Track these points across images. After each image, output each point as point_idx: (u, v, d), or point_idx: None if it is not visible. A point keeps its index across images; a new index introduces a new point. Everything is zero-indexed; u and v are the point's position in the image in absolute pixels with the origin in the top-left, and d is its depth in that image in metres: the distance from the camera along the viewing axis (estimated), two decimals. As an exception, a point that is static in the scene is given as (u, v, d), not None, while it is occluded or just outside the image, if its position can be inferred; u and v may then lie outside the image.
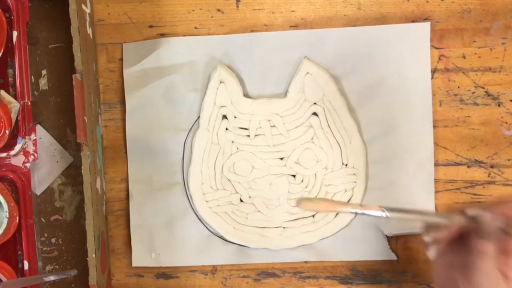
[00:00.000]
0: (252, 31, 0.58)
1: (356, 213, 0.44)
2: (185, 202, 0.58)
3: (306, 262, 0.59)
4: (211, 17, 0.58)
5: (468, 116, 0.58)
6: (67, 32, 0.49)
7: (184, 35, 0.58)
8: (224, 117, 0.57)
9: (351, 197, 0.57)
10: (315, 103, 0.57)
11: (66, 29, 0.49)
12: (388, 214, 0.44)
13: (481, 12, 0.57)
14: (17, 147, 0.55)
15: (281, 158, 0.57)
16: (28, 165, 0.56)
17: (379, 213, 0.44)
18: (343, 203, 0.47)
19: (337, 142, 0.57)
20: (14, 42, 0.55)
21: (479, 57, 0.57)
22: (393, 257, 0.58)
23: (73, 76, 0.49)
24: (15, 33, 0.55)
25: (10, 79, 0.56)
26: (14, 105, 0.54)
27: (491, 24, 0.57)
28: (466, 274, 0.45)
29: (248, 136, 0.57)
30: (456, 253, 0.47)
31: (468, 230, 0.45)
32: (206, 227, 0.58)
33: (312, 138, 0.57)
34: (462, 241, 0.46)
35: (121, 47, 0.58)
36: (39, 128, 0.58)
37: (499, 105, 0.57)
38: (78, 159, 0.57)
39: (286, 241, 0.58)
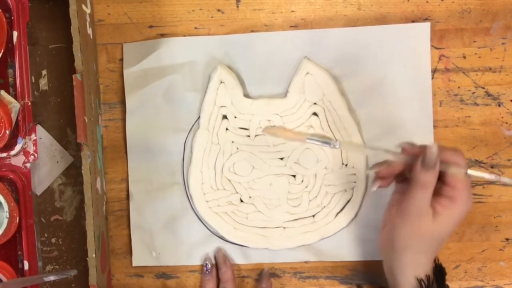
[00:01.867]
0: (252, 31, 0.58)
1: (311, 141, 0.48)
2: (185, 202, 0.58)
3: (306, 262, 0.59)
4: (211, 17, 0.58)
5: (468, 116, 0.58)
6: (67, 32, 0.49)
7: (184, 35, 0.58)
8: (224, 117, 0.57)
9: (351, 197, 0.57)
10: (315, 103, 0.57)
11: (66, 29, 0.49)
12: (337, 145, 0.48)
13: (481, 12, 0.57)
14: (17, 147, 0.55)
15: (281, 158, 0.57)
16: (28, 165, 0.56)
17: (327, 144, 0.48)
18: (297, 133, 0.51)
19: (337, 142, 0.57)
20: (14, 42, 0.55)
21: (479, 57, 0.57)
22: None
23: (73, 76, 0.49)
24: (15, 33, 0.55)
25: (10, 79, 0.56)
26: (14, 105, 0.54)
27: (491, 24, 0.57)
28: (400, 204, 0.49)
29: (248, 136, 0.57)
30: (398, 189, 0.51)
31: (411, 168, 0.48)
32: (206, 227, 0.59)
33: (312, 138, 0.57)
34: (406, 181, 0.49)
35: (121, 47, 0.58)
36: (39, 128, 0.58)
37: (499, 105, 0.57)
38: (78, 159, 0.57)
39: (286, 241, 0.58)
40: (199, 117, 0.58)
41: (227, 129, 0.57)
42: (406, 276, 0.49)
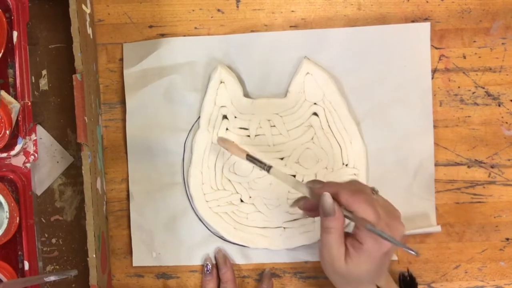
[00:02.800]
0: (252, 31, 0.58)
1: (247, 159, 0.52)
2: (185, 202, 0.58)
3: (306, 262, 0.59)
4: (211, 17, 0.58)
5: (468, 116, 0.58)
6: (67, 32, 0.49)
7: (184, 35, 0.58)
8: (224, 117, 0.57)
9: (351, 197, 0.57)
10: (315, 103, 0.57)
11: (66, 29, 0.49)
12: (268, 171, 0.50)
13: (481, 12, 0.57)
14: (18, 147, 0.55)
15: (281, 158, 0.57)
16: (28, 165, 0.56)
17: (260, 167, 0.51)
18: (240, 150, 0.53)
19: (337, 142, 0.57)
20: (14, 42, 0.55)
21: (479, 57, 0.57)
22: (394, 257, 0.58)
23: (73, 76, 0.49)
24: (15, 33, 0.55)
25: (11, 79, 0.56)
26: (15, 106, 0.54)
27: (491, 24, 0.57)
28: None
29: (248, 136, 0.57)
30: None
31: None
32: (206, 227, 0.58)
33: (312, 138, 0.57)
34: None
35: (121, 47, 0.58)
36: (39, 128, 0.58)
37: (499, 105, 0.57)
38: (79, 159, 0.57)
39: (286, 241, 0.58)
40: (199, 117, 0.58)
41: (227, 129, 0.57)
42: None
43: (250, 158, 0.52)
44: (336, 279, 0.49)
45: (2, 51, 0.54)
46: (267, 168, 0.51)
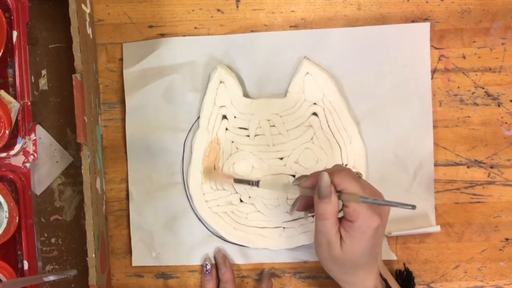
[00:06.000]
0: (252, 31, 0.58)
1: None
2: (185, 202, 0.58)
3: (305, 262, 0.59)
4: (211, 17, 0.58)
5: (468, 116, 0.58)
6: (67, 32, 0.49)
7: (184, 35, 0.58)
8: (224, 117, 0.57)
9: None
10: (314, 103, 0.57)
11: (66, 29, 0.49)
12: (257, 186, 0.53)
13: (481, 12, 0.57)
14: (17, 147, 0.55)
15: (281, 158, 0.57)
16: (28, 165, 0.56)
17: (250, 184, 0.53)
18: (226, 177, 0.55)
19: (337, 142, 0.57)
20: (14, 42, 0.55)
21: (479, 57, 0.57)
22: (393, 257, 0.58)
23: (73, 76, 0.49)
24: (15, 33, 0.55)
25: (10, 79, 0.56)
26: (14, 105, 0.54)
27: (491, 24, 0.57)
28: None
29: (248, 136, 0.57)
30: None
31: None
32: (206, 227, 0.58)
33: (312, 138, 0.57)
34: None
35: (121, 47, 0.58)
36: (39, 128, 0.58)
37: (499, 105, 0.57)
38: (78, 159, 0.57)
39: (285, 241, 0.58)
40: (199, 117, 0.58)
41: (226, 129, 0.57)
42: None
43: (238, 180, 0.55)
44: (333, 268, 0.50)
45: (2, 51, 0.54)
46: (256, 184, 0.53)
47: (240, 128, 0.57)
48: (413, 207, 0.45)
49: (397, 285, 0.51)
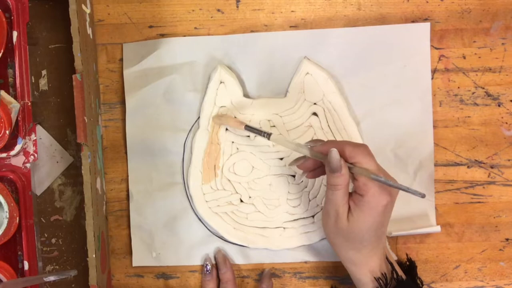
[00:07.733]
0: (252, 31, 0.58)
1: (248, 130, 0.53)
2: (185, 202, 0.58)
3: (306, 262, 0.59)
4: (211, 17, 0.58)
5: (468, 117, 0.58)
6: (67, 32, 0.49)
7: (184, 35, 0.58)
8: (224, 117, 0.57)
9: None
10: (315, 103, 0.57)
11: (66, 29, 0.49)
12: (268, 138, 0.52)
13: (481, 12, 0.57)
14: (17, 147, 0.55)
15: (281, 158, 0.57)
16: (28, 165, 0.56)
17: (259, 134, 0.53)
18: (238, 122, 0.54)
19: (337, 142, 0.57)
20: (14, 42, 0.55)
21: (479, 57, 0.57)
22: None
23: (73, 76, 0.49)
24: (15, 33, 0.55)
25: (10, 79, 0.56)
26: (14, 105, 0.54)
27: (491, 24, 0.57)
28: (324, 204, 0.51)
29: (248, 136, 0.57)
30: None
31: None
32: (206, 227, 0.59)
33: (312, 138, 0.57)
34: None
35: (121, 47, 0.58)
36: (39, 128, 0.58)
37: (499, 106, 0.57)
38: (78, 159, 0.57)
39: (286, 241, 0.58)
40: (199, 117, 0.58)
41: (227, 129, 0.57)
42: (356, 272, 0.51)
43: (249, 128, 0.54)
44: (337, 241, 0.50)
45: (2, 51, 0.54)
46: (267, 135, 0.52)
47: (240, 128, 0.57)
48: (423, 195, 0.45)
49: (402, 272, 0.51)
